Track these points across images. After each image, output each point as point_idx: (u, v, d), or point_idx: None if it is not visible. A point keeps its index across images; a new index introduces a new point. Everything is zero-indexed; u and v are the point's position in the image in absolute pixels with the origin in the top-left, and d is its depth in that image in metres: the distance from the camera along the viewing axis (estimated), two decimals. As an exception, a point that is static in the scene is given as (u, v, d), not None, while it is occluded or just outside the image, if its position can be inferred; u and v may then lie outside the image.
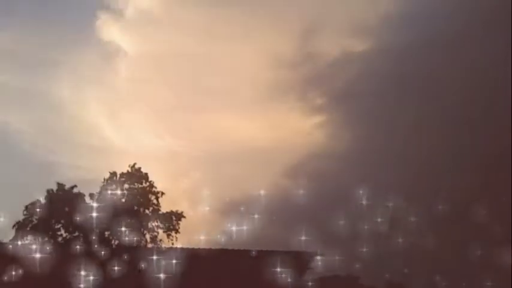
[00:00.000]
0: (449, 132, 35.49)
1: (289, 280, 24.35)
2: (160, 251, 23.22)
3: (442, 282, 29.86)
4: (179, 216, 24.04)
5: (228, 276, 24.04)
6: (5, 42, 44.81)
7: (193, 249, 24.36)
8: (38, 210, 23.34)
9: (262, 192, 29.20)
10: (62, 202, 23.39)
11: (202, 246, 24.83)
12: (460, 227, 31.56)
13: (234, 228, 24.26)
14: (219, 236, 26.36)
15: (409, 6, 37.97)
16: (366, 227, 28.95)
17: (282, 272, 24.21)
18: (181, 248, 23.85)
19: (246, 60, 48.24)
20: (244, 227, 24.67)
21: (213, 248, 25.07)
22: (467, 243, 31.09)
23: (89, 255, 22.39)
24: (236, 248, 25.00)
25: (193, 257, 23.98)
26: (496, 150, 32.35)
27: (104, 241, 23.18)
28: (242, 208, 34.39)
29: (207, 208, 30.80)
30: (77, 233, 23.35)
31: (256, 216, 26.16)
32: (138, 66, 48.67)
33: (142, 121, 49.59)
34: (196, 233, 26.10)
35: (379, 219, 29.85)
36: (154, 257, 22.81)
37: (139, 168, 24.36)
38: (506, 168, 30.53)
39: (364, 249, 27.82)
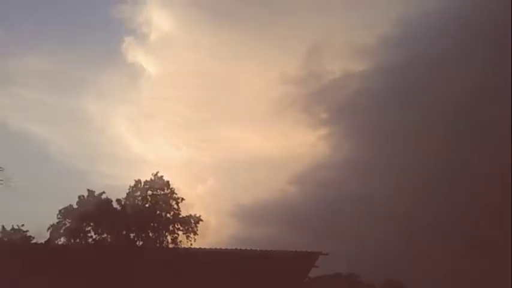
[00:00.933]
0: (445, 141, 37.56)
1: (293, 278, 25.90)
2: (180, 251, 24.55)
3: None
4: (197, 219, 25.01)
5: (237, 275, 24.92)
6: (41, 64, 48.00)
7: (205, 249, 25.83)
8: (70, 214, 24.66)
9: (269, 197, 30.95)
10: (92, 207, 24.58)
11: (214, 247, 26.36)
12: (459, 234, 33.40)
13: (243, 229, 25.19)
14: (229, 237, 27.85)
15: (404, 27, 40.55)
16: (366, 228, 30.69)
17: (286, 271, 25.70)
18: (199, 248, 25.25)
19: (255, 78, 51.15)
20: (253, 229, 25.69)
21: (223, 248, 26.51)
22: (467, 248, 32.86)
23: (116, 255, 23.82)
24: (244, 248, 26.25)
25: (204, 257, 25.50)
26: (493, 166, 34.13)
27: (130, 242, 24.68)
28: (251, 212, 36.66)
29: (220, 211, 32.87)
30: (105, 235, 24.65)
31: (263, 219, 27.27)
32: (159, 84, 51.88)
33: (162, 134, 52.79)
34: (209, 235, 27.98)
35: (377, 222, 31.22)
36: (175, 257, 24.23)
37: (162, 176, 25.47)
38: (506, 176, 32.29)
39: (364, 249, 29.45)
